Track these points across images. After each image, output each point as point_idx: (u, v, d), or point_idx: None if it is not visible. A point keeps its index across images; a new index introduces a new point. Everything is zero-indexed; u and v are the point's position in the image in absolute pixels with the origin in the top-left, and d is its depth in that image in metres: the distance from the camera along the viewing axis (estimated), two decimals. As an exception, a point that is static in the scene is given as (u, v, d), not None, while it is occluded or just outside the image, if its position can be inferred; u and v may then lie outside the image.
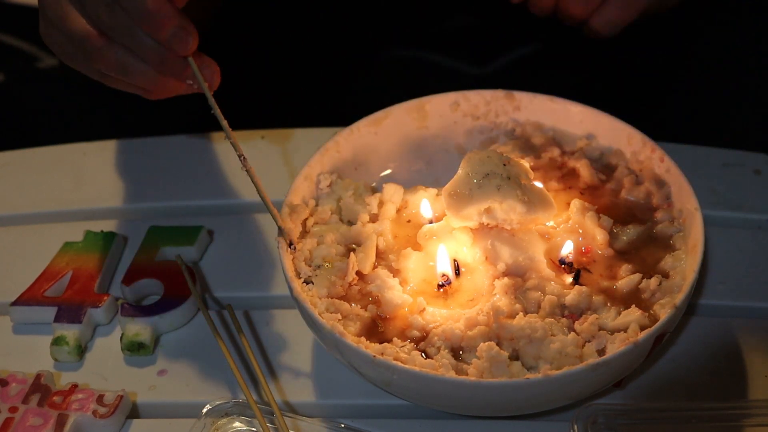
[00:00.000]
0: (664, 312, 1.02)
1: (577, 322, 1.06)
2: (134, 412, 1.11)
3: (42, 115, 1.65)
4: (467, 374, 1.02)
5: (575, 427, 1.00)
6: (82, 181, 1.37)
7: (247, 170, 1.10)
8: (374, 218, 1.18)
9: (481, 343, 1.04)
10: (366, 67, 1.62)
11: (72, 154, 1.41)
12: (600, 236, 1.12)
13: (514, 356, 1.04)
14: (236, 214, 1.31)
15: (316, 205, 1.19)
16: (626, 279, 1.09)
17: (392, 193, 1.20)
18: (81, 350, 1.16)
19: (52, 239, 1.26)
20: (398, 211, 1.19)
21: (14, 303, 1.19)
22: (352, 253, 1.13)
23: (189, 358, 1.15)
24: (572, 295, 1.07)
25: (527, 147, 1.22)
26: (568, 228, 1.13)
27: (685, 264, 1.08)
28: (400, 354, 1.04)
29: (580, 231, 1.13)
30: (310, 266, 1.12)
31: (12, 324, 1.20)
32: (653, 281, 1.08)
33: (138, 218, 1.31)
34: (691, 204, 1.11)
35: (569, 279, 1.10)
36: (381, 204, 1.19)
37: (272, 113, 1.56)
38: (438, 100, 1.25)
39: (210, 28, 1.27)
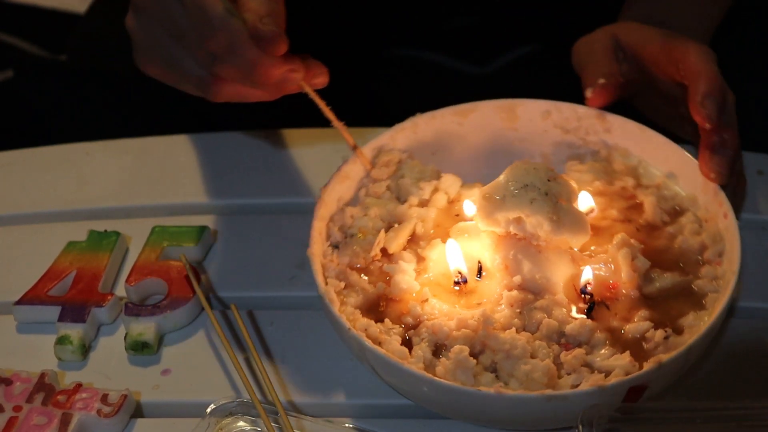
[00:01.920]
0: (648, 363, 0.99)
1: (564, 352, 1.04)
2: (138, 412, 1.11)
3: (46, 114, 1.65)
4: (435, 371, 1.03)
5: (580, 427, 1.00)
6: (85, 180, 1.37)
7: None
8: (424, 203, 1.19)
9: (456, 345, 1.04)
10: (367, 67, 1.62)
11: (75, 153, 1.40)
12: (626, 275, 1.08)
13: (493, 368, 1.04)
14: (240, 214, 1.31)
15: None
16: (635, 325, 1.06)
17: (449, 184, 1.20)
18: (85, 349, 1.16)
19: (55, 239, 1.26)
20: (451, 202, 1.19)
21: (18, 302, 1.19)
22: (382, 230, 1.15)
23: (193, 358, 1.15)
24: (574, 325, 1.05)
25: (605, 171, 1.19)
26: (602, 259, 1.10)
27: (702, 325, 1.04)
28: (380, 334, 1.05)
29: (612, 266, 1.10)
30: (343, 233, 1.14)
31: (16, 323, 1.19)
32: (659, 333, 1.04)
33: (142, 218, 1.31)
34: (733, 266, 1.06)
35: (574, 309, 1.08)
36: (435, 191, 1.20)
37: (273, 113, 1.56)
38: (530, 105, 1.22)
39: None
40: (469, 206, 1.17)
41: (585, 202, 1.16)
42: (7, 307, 1.20)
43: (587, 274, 1.09)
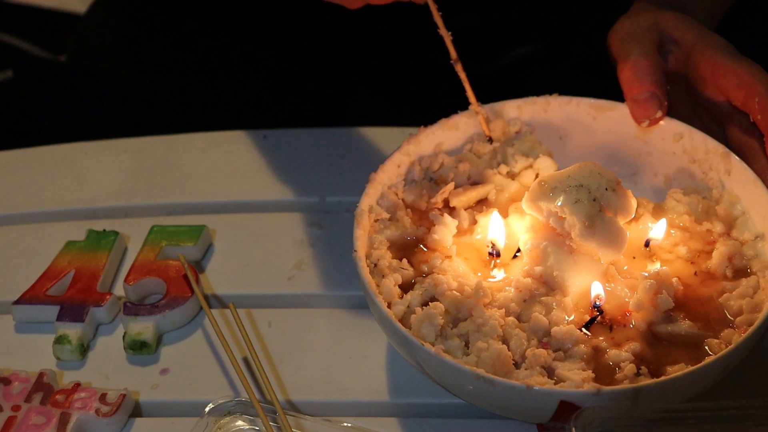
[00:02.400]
0: (588, 385, 0.99)
1: (531, 348, 1.04)
2: (137, 411, 1.11)
3: (46, 114, 1.65)
4: (410, 321, 1.05)
5: (573, 429, 1.00)
6: (84, 180, 1.37)
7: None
8: (513, 176, 1.21)
9: (434, 304, 1.06)
10: (367, 67, 1.62)
11: (74, 153, 1.40)
12: (636, 306, 1.07)
13: (467, 339, 1.06)
14: (238, 213, 1.31)
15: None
16: (618, 352, 1.05)
17: (544, 166, 1.20)
18: (83, 349, 1.16)
19: (54, 238, 1.26)
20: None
21: (17, 302, 1.19)
22: (452, 183, 1.18)
23: (191, 357, 1.15)
24: (561, 330, 1.05)
25: (704, 210, 1.16)
26: (629, 283, 1.10)
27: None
28: (387, 268, 1.10)
29: (634, 293, 1.09)
30: (424, 173, 1.19)
31: (14, 323, 1.19)
32: (630, 367, 1.03)
33: (140, 217, 1.31)
34: (738, 337, 1.04)
35: (573, 316, 1.08)
36: (528, 168, 1.21)
37: (273, 113, 1.56)
38: (666, 122, 1.19)
39: None
40: None
41: (658, 229, 1.14)
42: (6, 306, 1.20)
43: (596, 290, 1.09)
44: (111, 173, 1.37)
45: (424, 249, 1.15)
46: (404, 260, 1.12)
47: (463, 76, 1.20)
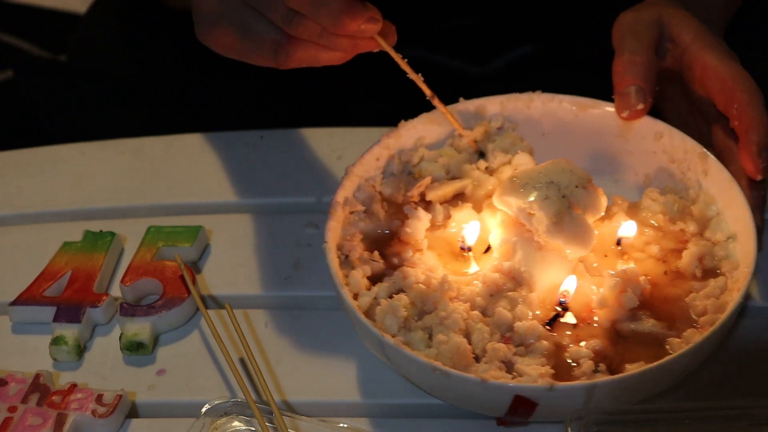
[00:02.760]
0: (542, 380, 1.00)
1: (499, 344, 1.05)
2: (133, 412, 1.11)
3: (46, 114, 1.65)
4: (375, 312, 1.07)
5: (569, 429, 1.00)
6: (81, 180, 1.37)
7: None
8: (492, 171, 1.21)
9: (398, 296, 1.07)
10: (364, 68, 1.62)
11: (71, 153, 1.40)
12: (599, 303, 1.08)
13: (431, 332, 1.07)
14: (235, 214, 1.31)
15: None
16: (578, 349, 1.05)
17: (521, 162, 1.21)
18: (80, 350, 1.16)
19: (50, 239, 1.26)
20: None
21: (13, 303, 1.19)
22: (429, 177, 1.19)
23: (188, 358, 1.15)
24: (524, 325, 1.06)
25: (679, 209, 1.16)
26: (597, 281, 1.10)
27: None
28: (356, 260, 1.11)
29: (601, 290, 1.10)
30: (402, 166, 1.20)
31: (11, 324, 1.19)
32: (589, 364, 1.03)
33: (137, 218, 1.31)
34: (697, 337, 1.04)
35: (538, 312, 1.09)
36: (506, 164, 1.22)
37: (270, 114, 1.56)
38: (647, 122, 1.19)
39: None
40: None
41: (629, 228, 1.15)
42: (3, 307, 1.20)
43: (567, 285, 1.09)
44: (108, 174, 1.37)
45: (400, 242, 1.16)
46: (375, 252, 1.13)
47: (442, 108, 1.21)
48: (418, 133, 1.22)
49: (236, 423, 1.05)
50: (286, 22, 1.08)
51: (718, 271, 1.12)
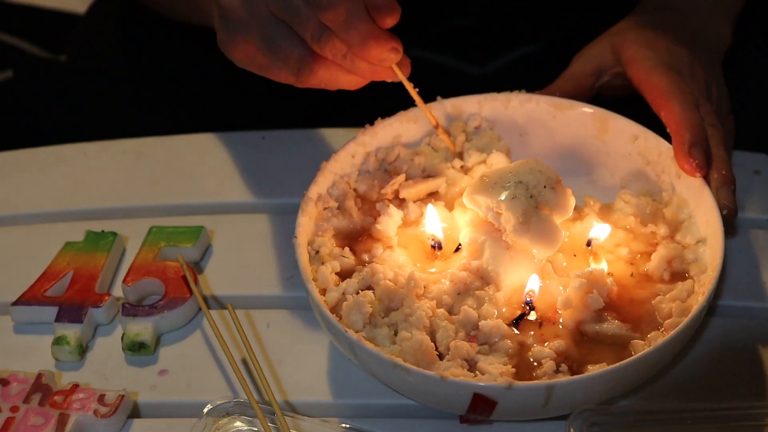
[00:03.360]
0: (502, 379, 1.00)
1: (462, 342, 1.05)
2: (135, 412, 1.11)
3: (46, 114, 1.65)
4: (343, 306, 1.08)
5: (570, 430, 1.00)
6: (83, 180, 1.37)
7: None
8: (467, 170, 1.23)
9: (364, 293, 1.08)
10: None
11: (73, 153, 1.41)
12: (563, 304, 1.08)
13: (397, 328, 1.08)
14: (237, 214, 1.31)
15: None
16: (541, 349, 1.06)
17: (495, 161, 1.22)
18: (82, 350, 1.16)
19: (53, 239, 1.26)
20: None
21: (15, 303, 1.19)
22: (403, 174, 1.21)
23: (190, 358, 1.15)
24: (488, 324, 1.06)
25: (651, 212, 1.17)
26: (564, 282, 1.10)
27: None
28: (327, 255, 1.12)
29: (565, 290, 1.09)
30: (379, 164, 1.22)
31: (13, 324, 1.20)
32: (550, 364, 1.03)
33: (139, 218, 1.31)
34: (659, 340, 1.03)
35: (504, 310, 1.10)
36: (481, 163, 1.22)
37: (271, 114, 1.56)
38: (622, 123, 1.21)
39: None
40: None
41: (600, 230, 1.15)
42: (5, 307, 1.20)
43: (531, 284, 1.09)
44: (110, 174, 1.38)
45: (371, 239, 1.17)
46: (346, 249, 1.15)
47: (446, 138, 1.23)
48: (395, 131, 1.23)
49: (238, 423, 1.05)
50: (315, 38, 1.10)
51: (687, 275, 1.12)
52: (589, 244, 1.15)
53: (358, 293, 1.09)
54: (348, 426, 1.05)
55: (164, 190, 1.35)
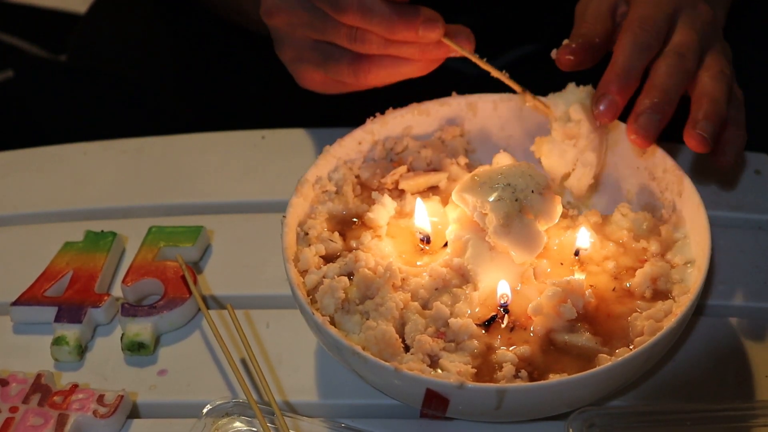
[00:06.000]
0: (455, 377, 0.99)
1: (426, 337, 1.05)
2: (135, 412, 1.11)
3: (46, 114, 1.65)
4: (319, 289, 1.08)
5: (570, 430, 1.00)
6: (82, 180, 1.37)
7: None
8: (469, 168, 1.23)
9: (339, 278, 1.09)
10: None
11: (72, 153, 1.41)
12: (534, 311, 1.07)
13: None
14: (237, 214, 1.31)
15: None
16: (504, 353, 1.05)
17: (500, 160, 1.21)
18: (81, 350, 1.16)
19: (52, 239, 1.26)
20: None
21: (15, 303, 1.19)
22: (404, 166, 1.21)
23: (189, 358, 1.15)
24: (458, 323, 1.06)
25: (648, 228, 1.16)
26: (540, 287, 1.09)
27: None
28: (315, 238, 1.13)
29: (539, 298, 1.09)
30: (385, 153, 1.22)
31: (12, 324, 1.20)
32: (508, 369, 1.03)
33: (138, 218, 1.31)
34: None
35: (477, 309, 1.10)
36: (477, 163, 1.24)
37: (271, 113, 1.56)
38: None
39: None
40: None
41: (583, 239, 1.14)
42: (4, 307, 1.20)
43: (502, 288, 1.09)
44: (109, 174, 1.38)
45: (363, 226, 1.18)
46: (335, 233, 1.15)
47: (535, 102, 1.20)
48: (406, 122, 1.23)
49: (237, 423, 1.05)
50: (351, 39, 1.12)
51: (670, 295, 1.10)
52: (577, 254, 1.14)
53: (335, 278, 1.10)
54: (347, 426, 1.05)
55: (164, 190, 1.35)
